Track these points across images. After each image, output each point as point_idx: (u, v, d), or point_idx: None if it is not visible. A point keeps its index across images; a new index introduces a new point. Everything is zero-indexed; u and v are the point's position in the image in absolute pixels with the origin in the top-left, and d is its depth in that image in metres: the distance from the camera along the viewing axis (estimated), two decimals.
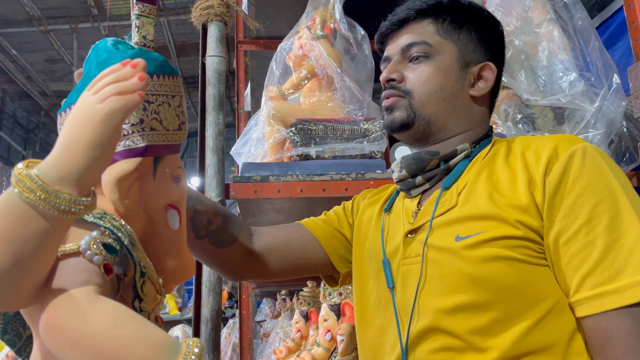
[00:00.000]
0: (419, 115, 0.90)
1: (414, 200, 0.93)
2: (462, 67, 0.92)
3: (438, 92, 0.90)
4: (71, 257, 0.52)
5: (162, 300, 0.66)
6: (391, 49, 0.96)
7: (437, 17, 0.93)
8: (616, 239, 0.73)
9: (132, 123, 0.61)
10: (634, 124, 1.45)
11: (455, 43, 0.92)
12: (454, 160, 0.90)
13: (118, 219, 0.60)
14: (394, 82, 0.93)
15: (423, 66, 0.91)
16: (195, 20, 1.53)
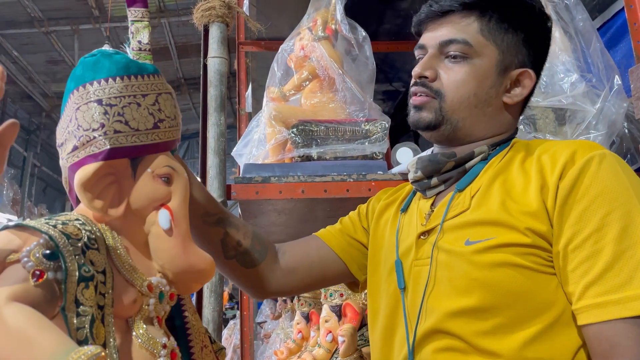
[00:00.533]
0: (447, 119, 0.87)
1: (428, 201, 0.91)
2: (500, 72, 0.87)
3: (471, 98, 0.86)
4: (12, 264, 0.54)
5: (162, 301, 0.66)
6: (428, 39, 0.90)
7: (484, 13, 0.87)
8: (625, 249, 0.71)
9: (93, 128, 0.62)
10: (635, 125, 1.45)
11: (498, 45, 0.87)
12: (470, 162, 0.88)
13: (88, 224, 0.61)
14: (425, 80, 0.89)
15: (459, 67, 0.87)
16: (197, 22, 1.53)
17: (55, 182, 10.31)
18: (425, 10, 0.91)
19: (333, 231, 1.06)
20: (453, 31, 0.87)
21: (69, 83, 0.65)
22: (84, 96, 0.63)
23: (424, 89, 0.88)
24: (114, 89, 0.62)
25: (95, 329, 0.56)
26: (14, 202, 7.61)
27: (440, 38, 0.88)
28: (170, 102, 0.67)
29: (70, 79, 0.65)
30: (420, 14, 0.92)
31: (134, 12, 0.69)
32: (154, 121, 0.64)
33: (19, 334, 0.50)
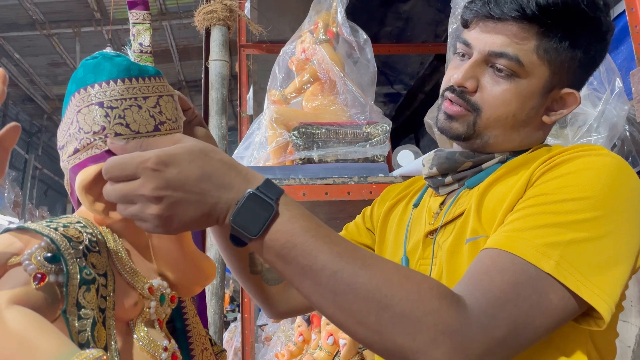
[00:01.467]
0: (479, 134, 0.83)
1: (439, 199, 0.89)
2: (545, 92, 0.81)
3: (509, 118, 0.81)
4: (14, 267, 0.55)
5: (163, 304, 0.66)
6: (477, 42, 0.81)
7: (546, 29, 0.78)
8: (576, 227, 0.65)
9: (94, 131, 0.62)
10: (636, 128, 1.45)
11: (551, 65, 0.79)
12: (487, 163, 0.84)
13: (89, 227, 0.61)
14: (464, 89, 0.82)
15: (504, 84, 0.79)
16: (199, 25, 1.53)
17: (56, 185, 10.31)
18: (480, 9, 0.81)
19: None
20: (507, 43, 0.78)
21: (70, 85, 0.65)
22: (85, 99, 0.63)
23: (461, 100, 0.82)
24: (115, 92, 0.62)
25: (97, 332, 0.56)
26: (15, 205, 7.62)
27: (490, 46, 0.79)
28: (171, 105, 0.67)
29: (72, 81, 0.65)
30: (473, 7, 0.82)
31: (135, 14, 0.69)
32: (155, 123, 0.64)
33: (21, 337, 0.50)
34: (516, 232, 0.67)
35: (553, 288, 0.63)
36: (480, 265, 0.66)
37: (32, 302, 0.53)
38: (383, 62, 3.18)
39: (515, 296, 0.62)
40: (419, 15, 2.70)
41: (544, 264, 0.63)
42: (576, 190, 0.68)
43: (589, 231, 0.65)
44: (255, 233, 0.59)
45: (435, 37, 2.89)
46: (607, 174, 0.70)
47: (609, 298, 0.64)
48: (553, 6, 0.76)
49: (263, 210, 0.58)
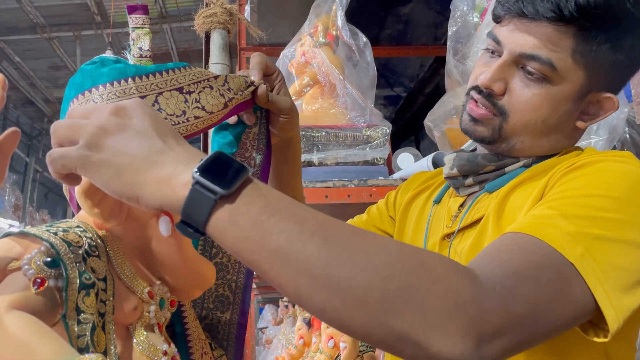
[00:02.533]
0: (505, 139, 0.78)
1: (458, 200, 0.85)
2: (580, 97, 0.75)
3: (538, 123, 0.75)
4: (13, 272, 0.54)
5: (163, 308, 0.66)
6: (508, 40, 0.75)
7: (585, 31, 0.71)
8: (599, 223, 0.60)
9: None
10: (636, 130, 1.45)
11: (587, 69, 0.73)
12: (510, 167, 0.80)
13: (89, 231, 0.61)
14: (492, 91, 0.76)
15: (535, 89, 0.74)
16: (199, 29, 1.54)
17: (56, 188, 10.32)
18: (512, 5, 0.74)
19: (359, 222, 1.02)
20: (539, 45, 0.72)
21: (68, 91, 0.65)
22: (82, 104, 0.63)
23: (487, 102, 0.77)
24: (112, 94, 0.62)
25: (96, 337, 0.56)
26: (15, 208, 7.62)
27: (522, 48, 0.73)
28: (173, 100, 0.64)
29: (70, 87, 0.65)
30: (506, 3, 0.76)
31: (134, 19, 0.69)
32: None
33: (20, 341, 0.50)
34: (542, 219, 0.61)
35: (576, 280, 0.56)
36: (499, 244, 0.59)
37: (32, 307, 0.53)
38: (383, 65, 3.19)
39: (537, 274, 0.54)
40: (419, 18, 2.71)
41: (569, 252, 0.56)
42: (606, 187, 0.63)
43: (616, 232, 0.60)
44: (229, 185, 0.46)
45: (435, 39, 2.90)
46: (634, 181, 0.65)
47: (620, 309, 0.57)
48: (595, 6, 0.69)
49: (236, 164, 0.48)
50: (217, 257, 0.79)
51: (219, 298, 0.79)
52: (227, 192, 0.46)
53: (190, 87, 0.65)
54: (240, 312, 0.80)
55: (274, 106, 0.74)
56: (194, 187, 0.46)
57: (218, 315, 0.79)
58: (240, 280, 0.80)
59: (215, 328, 0.79)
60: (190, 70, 0.66)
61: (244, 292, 0.80)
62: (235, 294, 0.80)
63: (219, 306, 0.80)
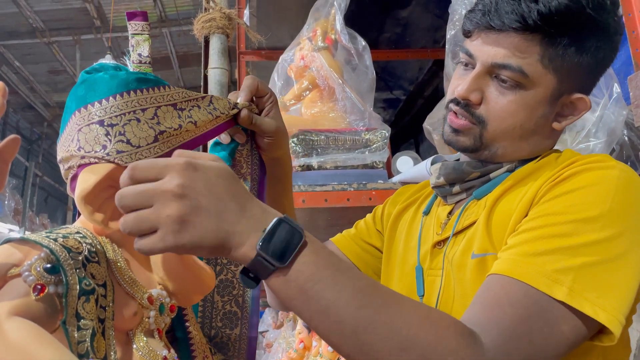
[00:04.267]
0: (486, 146, 0.81)
1: (447, 208, 0.88)
2: (554, 100, 0.78)
3: (517, 129, 0.79)
4: (14, 278, 0.54)
5: (163, 313, 0.67)
6: (480, 53, 0.79)
7: (550, 37, 0.75)
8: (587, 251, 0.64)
9: (95, 150, 0.61)
10: (635, 133, 1.45)
11: (557, 73, 0.76)
12: (495, 172, 0.82)
13: (88, 237, 0.61)
14: (469, 102, 0.80)
15: (510, 96, 0.77)
16: (198, 33, 1.54)
17: (56, 192, 10.32)
18: (480, 19, 0.78)
19: (347, 237, 1.04)
20: (509, 55, 0.76)
21: (70, 103, 0.65)
22: (85, 117, 0.62)
23: (466, 113, 0.80)
24: (114, 107, 0.62)
25: (96, 342, 0.56)
26: (15, 212, 7.62)
27: (493, 58, 0.77)
28: (170, 114, 0.66)
29: (72, 98, 0.65)
30: (473, 18, 0.80)
31: (134, 25, 0.69)
32: (155, 134, 0.64)
33: (20, 348, 0.50)
34: (525, 258, 0.65)
35: (565, 318, 0.62)
36: (492, 295, 0.65)
37: (32, 313, 0.53)
38: (382, 68, 3.19)
39: (528, 330, 0.61)
40: (418, 21, 2.71)
41: (556, 291, 0.62)
42: (585, 208, 0.66)
43: (601, 254, 0.64)
44: (285, 261, 0.55)
45: (434, 42, 2.90)
46: (616, 188, 0.68)
47: (622, 317, 0.63)
48: (556, 14, 0.73)
49: (293, 238, 0.56)
50: (222, 274, 0.80)
51: (227, 315, 0.79)
52: (282, 266, 0.56)
53: (183, 105, 0.67)
54: (250, 325, 0.80)
55: (257, 128, 0.76)
56: (257, 258, 0.56)
57: (227, 333, 0.79)
58: (248, 294, 0.80)
59: (226, 346, 0.79)
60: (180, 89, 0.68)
61: (252, 305, 0.80)
62: (243, 308, 0.80)
63: (227, 323, 0.79)
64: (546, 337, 0.61)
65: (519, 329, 0.61)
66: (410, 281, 0.87)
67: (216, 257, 0.78)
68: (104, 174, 0.61)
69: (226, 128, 0.73)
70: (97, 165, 0.61)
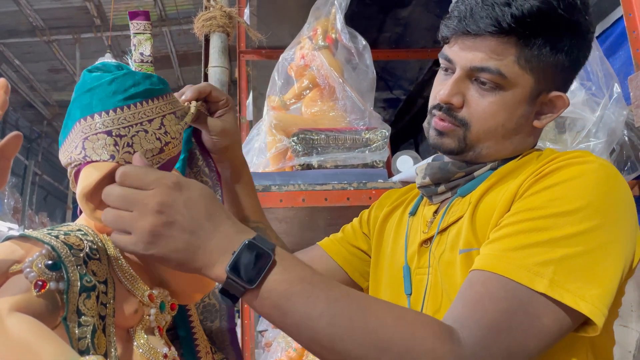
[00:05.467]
0: (471, 147, 0.83)
1: (433, 207, 0.90)
2: (533, 99, 0.81)
3: (499, 129, 0.81)
4: (15, 274, 0.55)
5: (163, 311, 0.67)
6: (459, 58, 0.81)
7: (524, 39, 0.77)
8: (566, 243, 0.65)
9: (103, 160, 0.62)
10: (635, 133, 1.45)
11: (534, 73, 0.79)
12: (479, 171, 0.85)
13: (89, 234, 0.61)
14: (451, 106, 0.82)
15: (490, 98, 0.80)
16: (198, 32, 1.54)
17: (56, 191, 10.31)
18: (456, 25, 0.81)
19: (335, 240, 1.06)
20: (486, 58, 0.78)
21: (74, 109, 0.64)
22: (92, 126, 0.62)
23: (449, 117, 0.82)
24: (122, 119, 0.62)
25: (97, 339, 0.56)
26: (15, 211, 7.61)
27: (471, 62, 0.79)
28: (174, 122, 0.67)
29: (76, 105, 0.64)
30: (450, 24, 0.83)
31: (136, 24, 0.69)
32: (161, 145, 0.65)
33: (22, 344, 0.50)
34: (506, 252, 0.66)
35: (546, 310, 0.63)
36: (473, 292, 0.66)
37: (33, 310, 0.54)
38: (382, 68, 3.19)
39: (508, 324, 0.62)
40: (418, 21, 2.71)
41: (537, 284, 0.63)
42: (565, 202, 0.68)
43: (581, 245, 0.65)
44: (253, 282, 0.58)
45: (434, 42, 2.90)
46: (596, 182, 0.70)
47: (605, 308, 0.64)
48: (529, 16, 0.75)
49: (261, 259, 0.58)
50: None
51: (207, 307, 0.81)
52: (251, 287, 0.58)
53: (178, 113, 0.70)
54: (228, 317, 0.81)
55: (203, 126, 0.81)
56: (228, 280, 0.58)
57: (209, 325, 0.80)
58: None
59: (210, 339, 0.79)
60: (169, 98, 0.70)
61: None
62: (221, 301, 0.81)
63: (208, 316, 0.81)
64: (527, 329, 0.62)
65: (498, 322, 0.62)
66: (399, 282, 0.88)
67: None
68: (106, 171, 0.61)
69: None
70: (99, 163, 0.62)
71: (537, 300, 0.63)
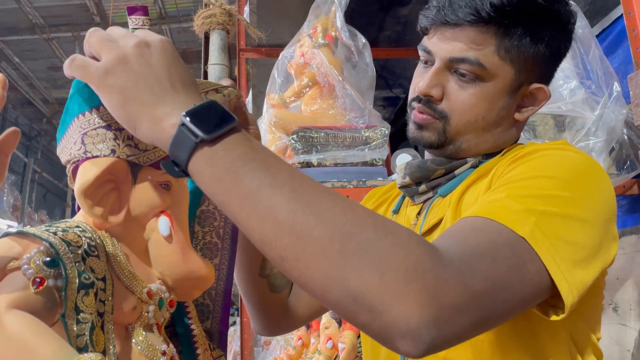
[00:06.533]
0: (451, 140, 0.81)
1: (416, 208, 0.88)
2: (513, 91, 0.80)
3: (479, 121, 0.80)
4: (13, 271, 0.54)
5: (162, 308, 0.67)
6: (438, 49, 0.80)
7: (504, 28, 0.76)
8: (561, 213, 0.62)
9: (104, 154, 0.61)
10: (634, 132, 1.45)
11: (514, 63, 0.78)
12: (460, 169, 0.83)
13: (88, 231, 0.61)
14: (431, 98, 0.81)
15: (469, 89, 0.78)
16: (198, 29, 1.54)
17: (55, 188, 10.31)
18: (435, 15, 0.80)
19: None
20: (466, 49, 0.77)
21: (73, 105, 0.63)
22: (90, 121, 0.62)
23: (429, 109, 0.81)
24: None
25: (95, 336, 0.56)
26: (14, 208, 7.61)
27: (450, 53, 0.78)
28: None
29: (75, 100, 0.63)
30: (429, 15, 0.81)
31: (134, 20, 0.69)
32: None
33: (19, 341, 0.50)
34: (491, 202, 0.64)
35: (530, 256, 0.58)
36: (455, 227, 0.62)
37: (31, 307, 0.53)
38: (382, 66, 3.19)
39: (493, 253, 0.56)
40: (418, 20, 2.71)
41: (519, 227, 0.59)
42: (546, 169, 0.67)
43: (561, 208, 0.63)
44: (211, 131, 0.50)
45: None
46: (573, 162, 0.69)
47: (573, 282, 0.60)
48: (508, 5, 0.75)
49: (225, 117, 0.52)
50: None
51: (199, 307, 0.79)
52: (207, 137, 0.50)
53: None
54: (220, 320, 0.80)
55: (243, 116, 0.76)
56: (180, 128, 0.50)
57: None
58: (220, 288, 0.80)
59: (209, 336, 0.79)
60: None
61: (224, 299, 0.80)
62: (215, 301, 0.80)
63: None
64: (512, 266, 0.56)
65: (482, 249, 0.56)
66: None
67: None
68: (105, 167, 0.61)
69: None
70: (97, 159, 0.61)
71: (521, 242, 0.58)
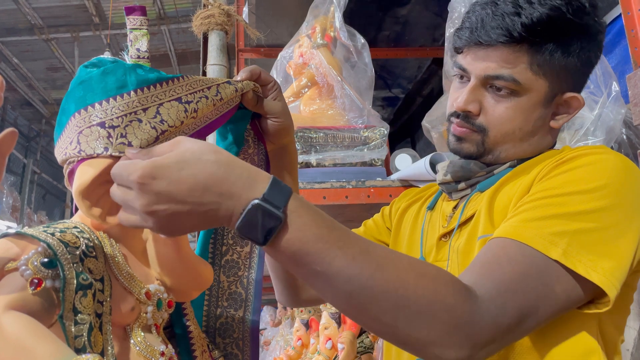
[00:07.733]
0: (490, 151, 0.85)
1: (452, 203, 0.91)
2: (548, 101, 0.83)
3: (516, 132, 0.83)
4: (11, 272, 0.55)
5: (160, 309, 0.66)
6: (473, 67, 0.84)
7: (536, 45, 0.79)
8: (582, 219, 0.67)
9: (97, 153, 0.61)
10: (633, 132, 1.45)
11: (547, 77, 0.81)
12: (498, 169, 0.87)
13: (86, 232, 0.61)
14: (469, 113, 0.84)
15: (506, 103, 0.82)
16: (196, 30, 1.54)
17: (54, 189, 10.30)
18: (469, 37, 0.83)
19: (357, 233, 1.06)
20: (500, 66, 0.80)
21: (68, 104, 0.63)
22: (85, 119, 0.61)
23: (467, 124, 0.85)
24: (115, 109, 0.61)
25: (93, 337, 0.56)
26: (13, 209, 7.60)
27: (485, 71, 0.82)
28: (174, 109, 0.64)
29: (70, 99, 0.63)
30: (462, 36, 0.85)
31: (132, 20, 0.69)
32: (157, 134, 0.63)
33: (17, 342, 0.50)
34: (524, 222, 0.68)
35: (559, 278, 0.65)
36: (491, 254, 0.67)
37: (29, 308, 0.53)
38: (381, 66, 3.19)
39: (524, 286, 0.63)
40: (417, 19, 2.71)
41: (552, 251, 0.64)
42: (582, 183, 0.70)
43: (595, 222, 0.67)
44: (263, 243, 0.56)
45: (433, 40, 2.90)
46: (613, 168, 0.72)
47: (617, 281, 0.65)
48: (539, 24, 0.77)
49: (270, 221, 0.55)
50: (227, 255, 0.82)
51: (232, 295, 0.81)
52: (264, 245, 0.57)
53: (189, 97, 0.65)
54: (253, 309, 0.81)
55: (262, 109, 0.76)
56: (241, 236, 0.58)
57: (232, 313, 0.81)
58: (252, 276, 0.82)
59: (231, 327, 0.80)
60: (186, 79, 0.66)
61: (256, 288, 0.82)
62: (248, 290, 0.82)
63: (232, 304, 0.81)
64: (540, 295, 0.64)
65: (515, 284, 0.63)
66: None
67: (222, 237, 0.82)
68: (102, 168, 0.60)
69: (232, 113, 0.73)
70: (95, 160, 0.61)
71: (551, 268, 0.65)
